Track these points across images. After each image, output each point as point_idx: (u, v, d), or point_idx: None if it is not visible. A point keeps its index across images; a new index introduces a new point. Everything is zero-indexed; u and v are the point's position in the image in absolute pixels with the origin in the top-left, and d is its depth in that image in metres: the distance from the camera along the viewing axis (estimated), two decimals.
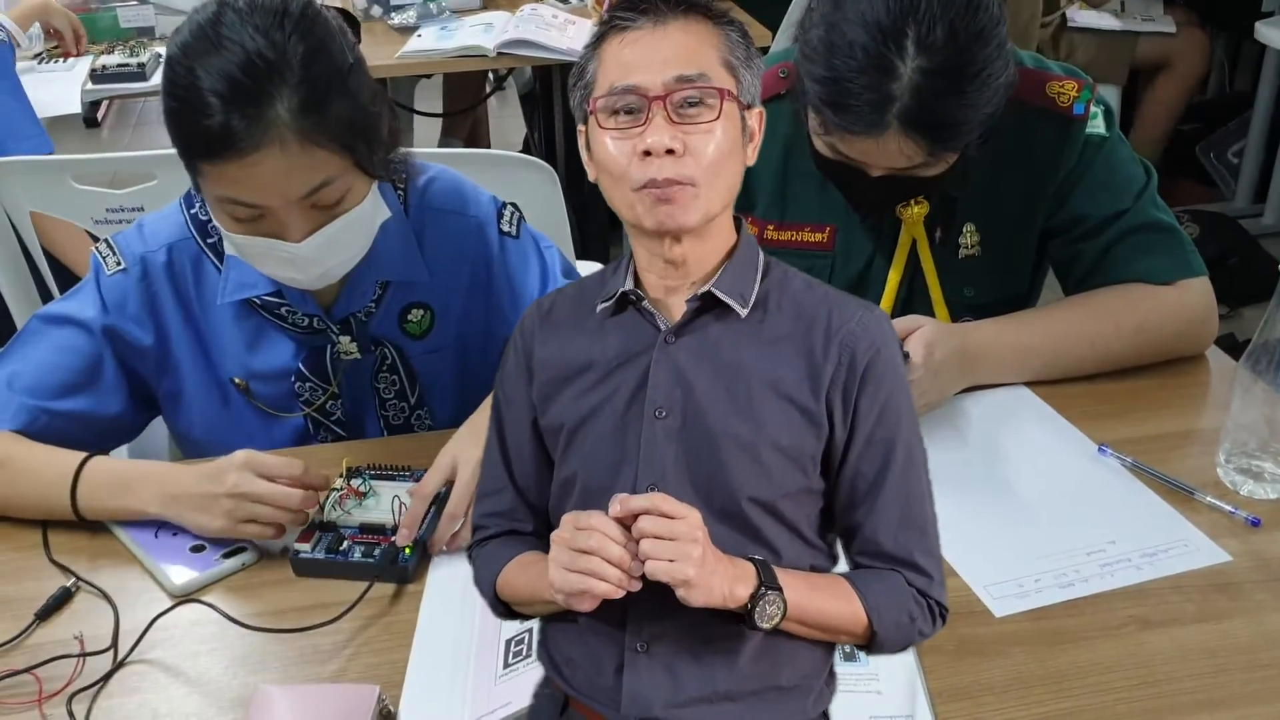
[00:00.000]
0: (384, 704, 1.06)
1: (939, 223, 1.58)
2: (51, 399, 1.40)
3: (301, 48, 1.20)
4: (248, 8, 1.21)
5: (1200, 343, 1.58)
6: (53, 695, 1.11)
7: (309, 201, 1.24)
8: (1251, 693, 1.08)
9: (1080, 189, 1.55)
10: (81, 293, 1.45)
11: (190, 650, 1.17)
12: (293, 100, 1.19)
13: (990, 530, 1.28)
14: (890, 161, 1.36)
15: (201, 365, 1.48)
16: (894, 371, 0.89)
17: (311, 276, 1.32)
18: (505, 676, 1.07)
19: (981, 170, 1.54)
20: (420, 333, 1.49)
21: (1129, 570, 1.21)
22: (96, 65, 2.82)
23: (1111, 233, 1.54)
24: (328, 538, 1.25)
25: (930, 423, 1.45)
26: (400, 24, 3.21)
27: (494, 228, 1.50)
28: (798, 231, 1.63)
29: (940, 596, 0.90)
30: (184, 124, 1.21)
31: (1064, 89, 1.53)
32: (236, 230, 1.27)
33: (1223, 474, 1.35)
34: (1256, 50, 4.11)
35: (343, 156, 1.24)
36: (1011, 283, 1.63)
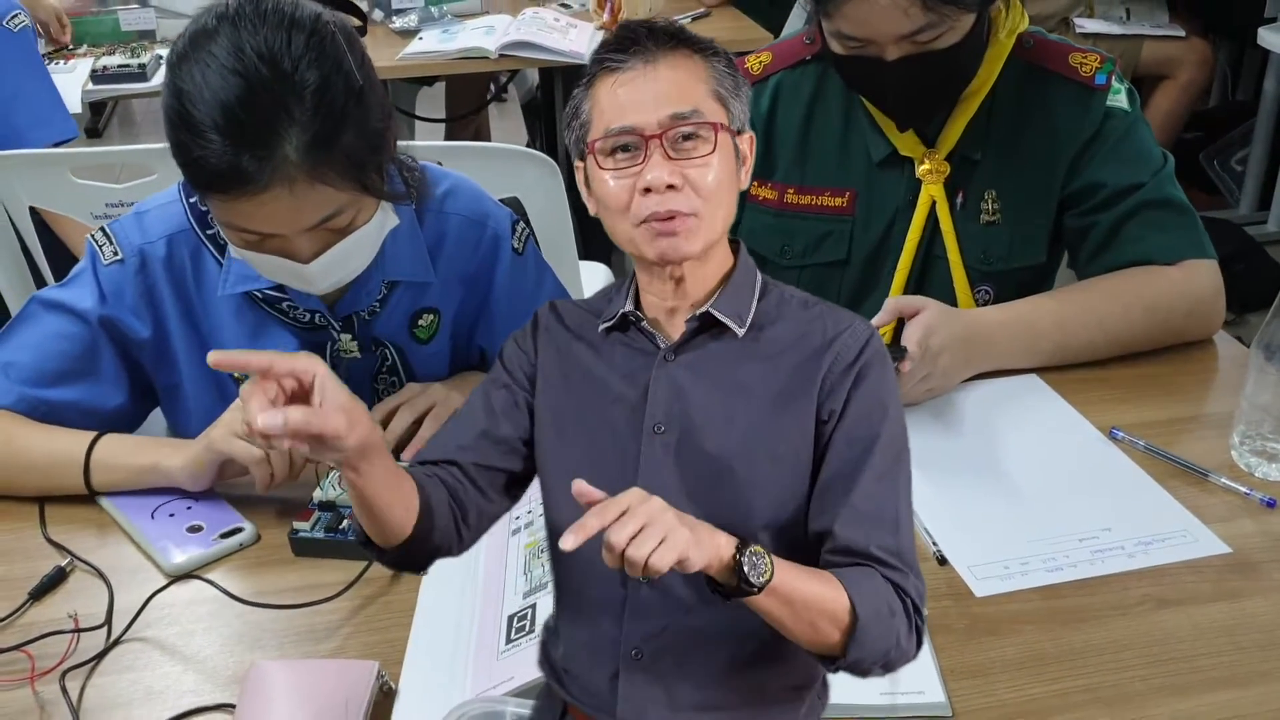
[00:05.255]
0: (384, 680, 1.04)
1: (960, 187, 1.58)
2: (48, 387, 1.38)
3: (312, 77, 1.13)
4: (251, 25, 1.13)
5: (1210, 324, 1.56)
6: (45, 672, 1.08)
7: (319, 228, 1.22)
8: (1271, 670, 1.05)
9: (1098, 158, 1.55)
10: (79, 280, 1.42)
11: (186, 629, 1.15)
12: (302, 139, 1.12)
13: (983, 512, 1.26)
14: (892, 25, 1.38)
15: (199, 359, 1.45)
16: (880, 376, 0.89)
17: (321, 287, 1.30)
18: (508, 652, 1.05)
19: (1003, 134, 1.55)
20: (428, 338, 1.47)
21: (1121, 558, 1.19)
22: (97, 66, 2.81)
23: (1126, 205, 1.54)
24: (326, 517, 1.23)
25: (936, 408, 1.43)
26: (401, 27, 3.21)
27: (508, 242, 1.47)
28: (818, 196, 1.64)
29: (917, 600, 0.87)
30: (187, 157, 1.15)
31: (1086, 60, 1.56)
32: (245, 249, 1.25)
33: (1237, 456, 1.33)
34: (1259, 60, 4.12)
35: (352, 187, 1.19)
36: (1030, 252, 1.62)
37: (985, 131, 1.55)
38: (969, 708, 1.02)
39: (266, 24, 1.13)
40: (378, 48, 3.12)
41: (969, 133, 1.56)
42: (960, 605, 1.14)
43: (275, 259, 1.24)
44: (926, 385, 1.42)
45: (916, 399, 1.43)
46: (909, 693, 1.03)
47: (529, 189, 1.85)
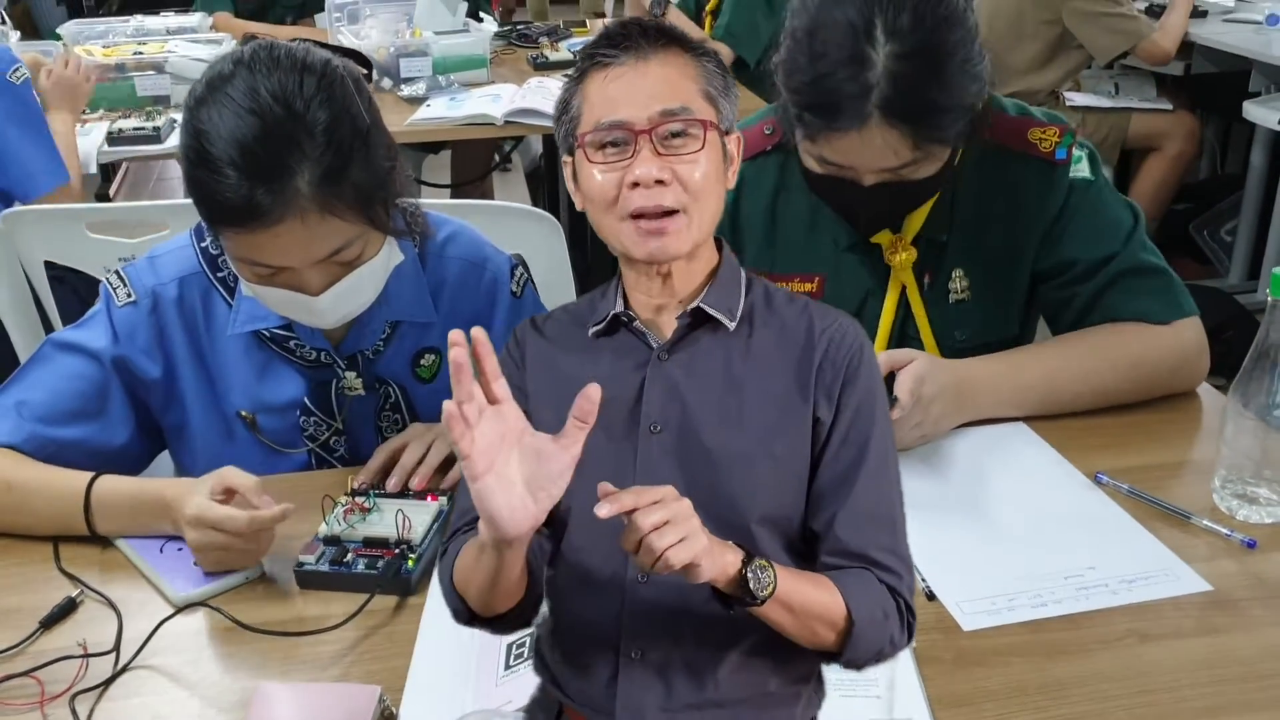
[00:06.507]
0: (385, 705, 1.06)
1: (927, 269, 1.60)
2: (58, 426, 1.41)
3: (323, 116, 1.20)
4: (265, 69, 1.21)
5: (1194, 379, 1.60)
6: (55, 697, 1.11)
7: (328, 261, 1.27)
8: (1249, 701, 1.08)
9: (1068, 234, 1.57)
10: (92, 321, 1.47)
11: (193, 656, 1.17)
12: (314, 173, 1.20)
13: (971, 551, 1.29)
14: (878, 160, 1.38)
15: (208, 399, 1.50)
16: (870, 374, 0.92)
17: (329, 321, 1.35)
18: (506, 677, 1.08)
19: (967, 215, 1.57)
20: (431, 377, 1.52)
21: (1105, 594, 1.22)
22: (113, 129, 2.89)
23: (1102, 278, 1.57)
24: (332, 550, 1.27)
25: (924, 452, 1.47)
26: (410, 95, 3.29)
27: (506, 286, 1.53)
28: (788, 281, 1.64)
29: (910, 598, 0.90)
30: (204, 193, 1.22)
31: (1045, 135, 1.57)
32: (257, 283, 1.30)
33: (1218, 499, 1.36)
34: (1246, 135, 4.21)
35: (360, 220, 1.26)
36: (1003, 325, 1.65)
37: (950, 213, 1.55)
38: None
39: (280, 68, 1.21)
40: (387, 114, 3.12)
41: (934, 216, 1.57)
42: (948, 638, 1.16)
43: (285, 294, 1.28)
44: (919, 432, 1.46)
45: (910, 444, 1.46)
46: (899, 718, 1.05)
47: (533, 247, 1.90)
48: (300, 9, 4.34)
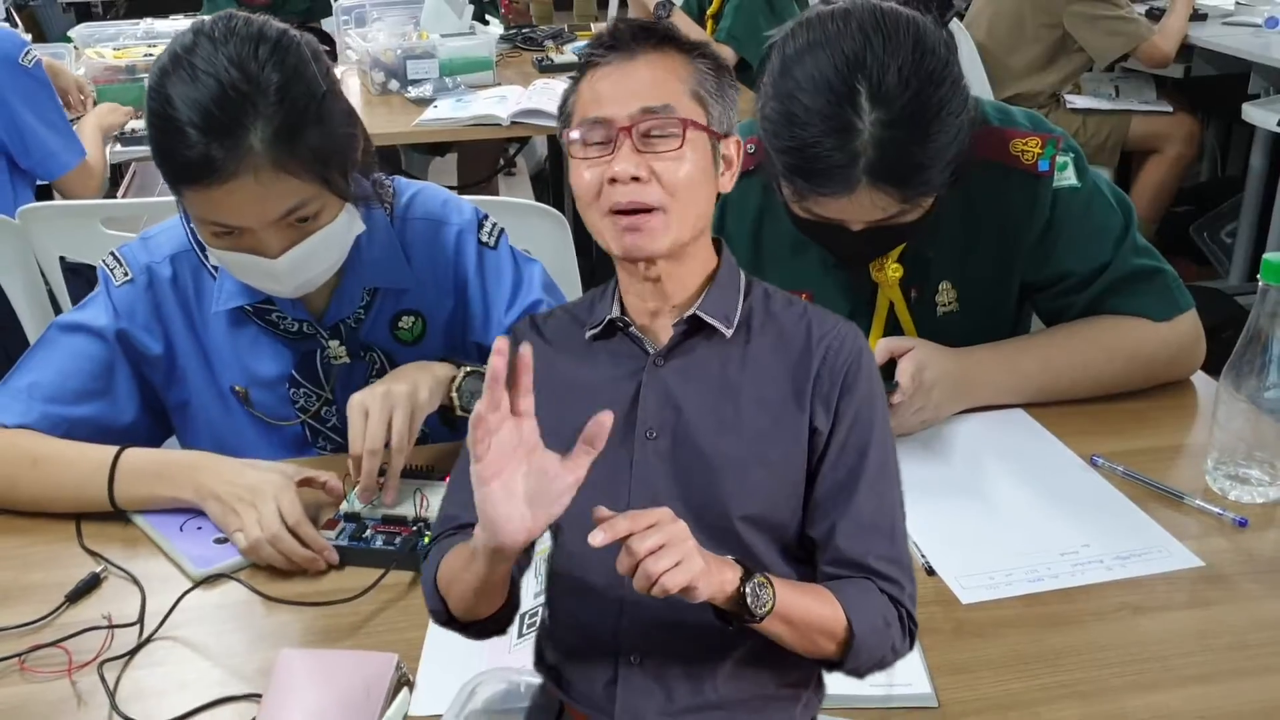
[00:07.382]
0: (402, 672, 1.10)
1: (914, 283, 1.59)
2: (68, 405, 1.45)
3: (275, 77, 1.27)
4: (223, 36, 1.28)
5: (1190, 369, 1.63)
6: (83, 665, 1.15)
7: (284, 221, 1.31)
8: (1238, 668, 1.11)
9: (1059, 246, 1.56)
10: (93, 302, 1.51)
11: (215, 627, 1.21)
12: (266, 130, 1.25)
13: (969, 530, 1.33)
14: (866, 215, 1.37)
15: (205, 375, 1.54)
16: (869, 380, 0.92)
17: (289, 287, 1.38)
18: (519, 644, 1.11)
19: (952, 228, 1.55)
20: (413, 340, 1.55)
21: (1099, 570, 1.25)
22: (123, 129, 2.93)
23: (1097, 286, 1.58)
24: (351, 527, 1.31)
25: (924, 436, 1.50)
26: (417, 96, 3.33)
27: (473, 237, 1.55)
28: None
29: (911, 606, 0.90)
30: (165, 152, 1.28)
31: (1027, 146, 1.53)
32: (218, 246, 1.35)
33: (1211, 480, 1.40)
34: (1245, 137, 4.24)
35: (315, 181, 1.31)
36: (992, 336, 1.63)
37: (935, 228, 1.51)
38: (954, 699, 1.08)
39: (236, 35, 1.28)
40: (393, 115, 3.25)
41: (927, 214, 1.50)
42: (947, 610, 1.20)
43: (247, 258, 1.33)
44: (920, 417, 1.49)
45: (910, 429, 1.50)
46: (899, 685, 1.09)
47: (540, 243, 1.92)
48: (307, 12, 4.39)
